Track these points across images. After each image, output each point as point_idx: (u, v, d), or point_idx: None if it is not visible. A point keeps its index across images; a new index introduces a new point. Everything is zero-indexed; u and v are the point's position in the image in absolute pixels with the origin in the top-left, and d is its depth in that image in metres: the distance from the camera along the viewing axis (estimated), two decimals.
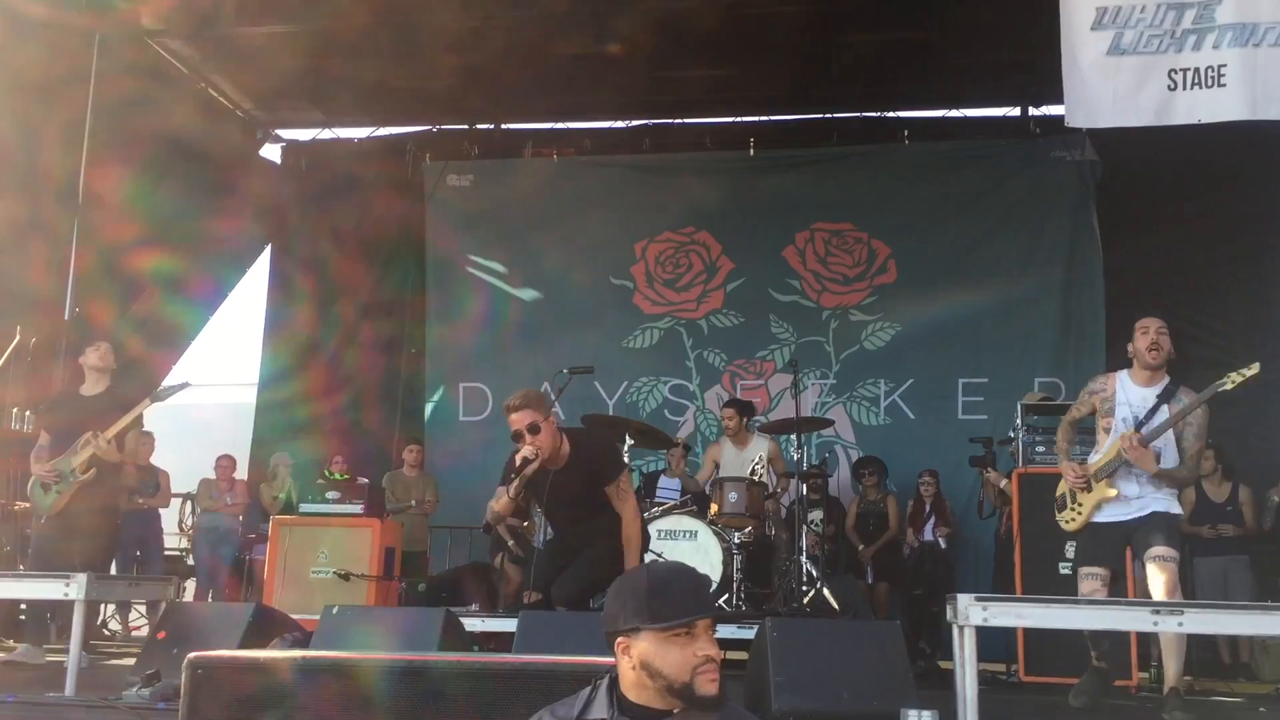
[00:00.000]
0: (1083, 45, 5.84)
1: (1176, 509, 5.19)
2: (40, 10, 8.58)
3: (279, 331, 11.72)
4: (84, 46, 8.78)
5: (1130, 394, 5.21)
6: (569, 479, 4.90)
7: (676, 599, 2.34)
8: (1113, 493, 5.11)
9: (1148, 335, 5.20)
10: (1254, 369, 4.95)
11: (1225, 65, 5.65)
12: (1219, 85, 5.70)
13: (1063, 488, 5.33)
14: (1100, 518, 5.15)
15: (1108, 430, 5.22)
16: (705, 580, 2.41)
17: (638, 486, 8.00)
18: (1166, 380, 5.21)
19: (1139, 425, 5.07)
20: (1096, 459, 5.24)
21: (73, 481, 6.39)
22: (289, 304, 11.71)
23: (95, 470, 6.42)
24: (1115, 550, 5.23)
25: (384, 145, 11.76)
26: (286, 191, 11.83)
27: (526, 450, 4.78)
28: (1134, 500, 5.11)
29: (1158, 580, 4.84)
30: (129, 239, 9.57)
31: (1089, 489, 5.16)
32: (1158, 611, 3.97)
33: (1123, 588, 5.36)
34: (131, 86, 9.29)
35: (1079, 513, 5.17)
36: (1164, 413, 5.09)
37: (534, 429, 4.77)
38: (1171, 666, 5.01)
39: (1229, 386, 4.96)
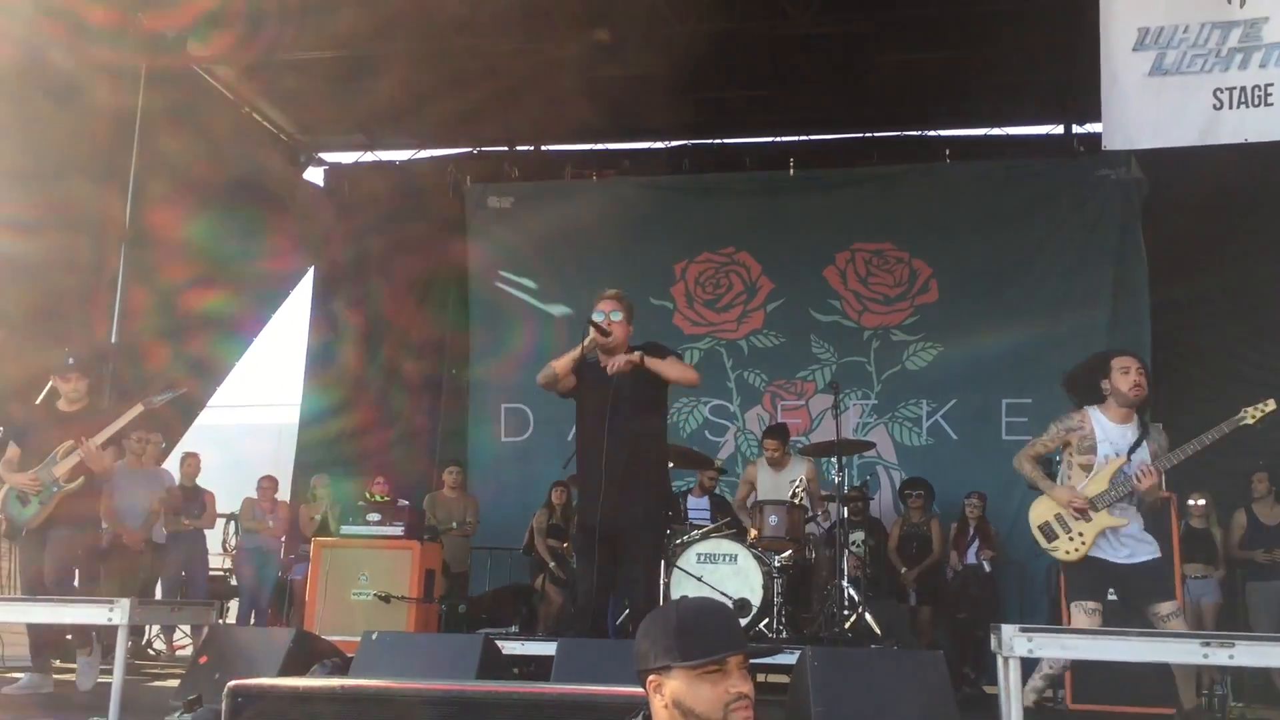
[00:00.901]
0: (1124, 66, 5.78)
1: (1158, 550, 5.14)
2: (93, 51, 8.73)
3: (321, 364, 11.83)
4: (132, 80, 8.91)
5: (1109, 432, 5.15)
6: (624, 383, 5.05)
7: (707, 635, 2.32)
8: (1121, 521, 5.02)
9: (1129, 375, 5.12)
10: (1271, 405, 4.98)
11: (1272, 84, 5.57)
12: (1266, 104, 5.62)
13: (1044, 516, 5.16)
14: (1099, 553, 5.04)
15: (1085, 468, 5.13)
16: (735, 615, 2.39)
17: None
18: (1136, 417, 5.20)
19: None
20: (1082, 487, 5.10)
21: (56, 492, 6.12)
22: (332, 328, 11.83)
23: (83, 479, 6.17)
24: (1106, 584, 5.14)
25: (425, 167, 11.88)
26: (329, 214, 11.96)
27: (602, 321, 5.14)
28: (1125, 538, 5.05)
29: None
30: (176, 271, 9.70)
31: (1087, 518, 5.03)
32: (1208, 644, 3.89)
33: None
34: (178, 116, 9.44)
35: (1082, 543, 5.02)
36: (1143, 448, 5.08)
37: (616, 314, 5.20)
38: (1186, 691, 5.13)
39: (1249, 421, 4.98)
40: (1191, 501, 8.37)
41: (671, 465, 7.53)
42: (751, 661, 2.38)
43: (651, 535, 5.25)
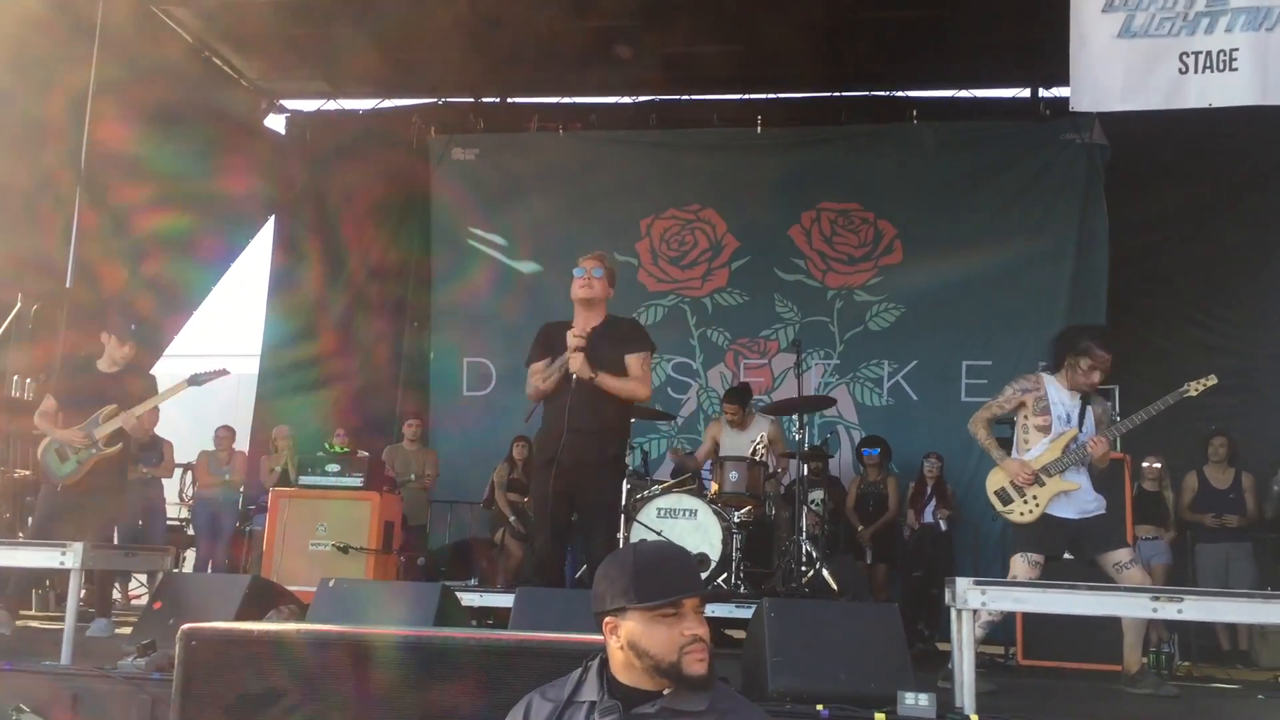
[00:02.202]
0: (1092, 28, 5.77)
1: (1104, 506, 5.37)
2: None
3: (282, 300, 11.72)
4: (89, 13, 8.70)
5: (1061, 396, 5.41)
6: (601, 340, 5.12)
7: (663, 578, 2.33)
8: (1074, 485, 5.26)
9: (1094, 375, 5.36)
10: (1212, 380, 5.29)
11: (1237, 49, 5.59)
12: (1230, 69, 5.64)
13: (999, 482, 5.39)
14: (1053, 510, 5.26)
15: (1042, 429, 5.37)
16: (693, 559, 2.40)
17: (636, 465, 7.99)
18: None
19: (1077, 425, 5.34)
20: (1036, 455, 5.33)
21: (94, 454, 6.23)
22: (292, 274, 11.70)
23: (121, 445, 6.32)
24: (1059, 544, 5.37)
25: (389, 118, 11.72)
26: (290, 162, 11.79)
27: (582, 291, 5.19)
28: (1078, 497, 5.28)
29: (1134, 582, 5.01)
30: (134, 202, 9.53)
31: (1040, 484, 5.26)
32: (1157, 598, 3.95)
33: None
34: (135, 53, 9.22)
35: (1036, 505, 5.25)
36: (1089, 414, 5.37)
37: (598, 272, 5.21)
38: (1132, 654, 5.28)
39: (1191, 394, 5.27)
40: (1146, 464, 8.49)
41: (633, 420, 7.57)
42: (708, 613, 2.40)
43: (611, 481, 5.34)
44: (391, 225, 11.62)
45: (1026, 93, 10.79)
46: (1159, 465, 8.58)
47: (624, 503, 6.49)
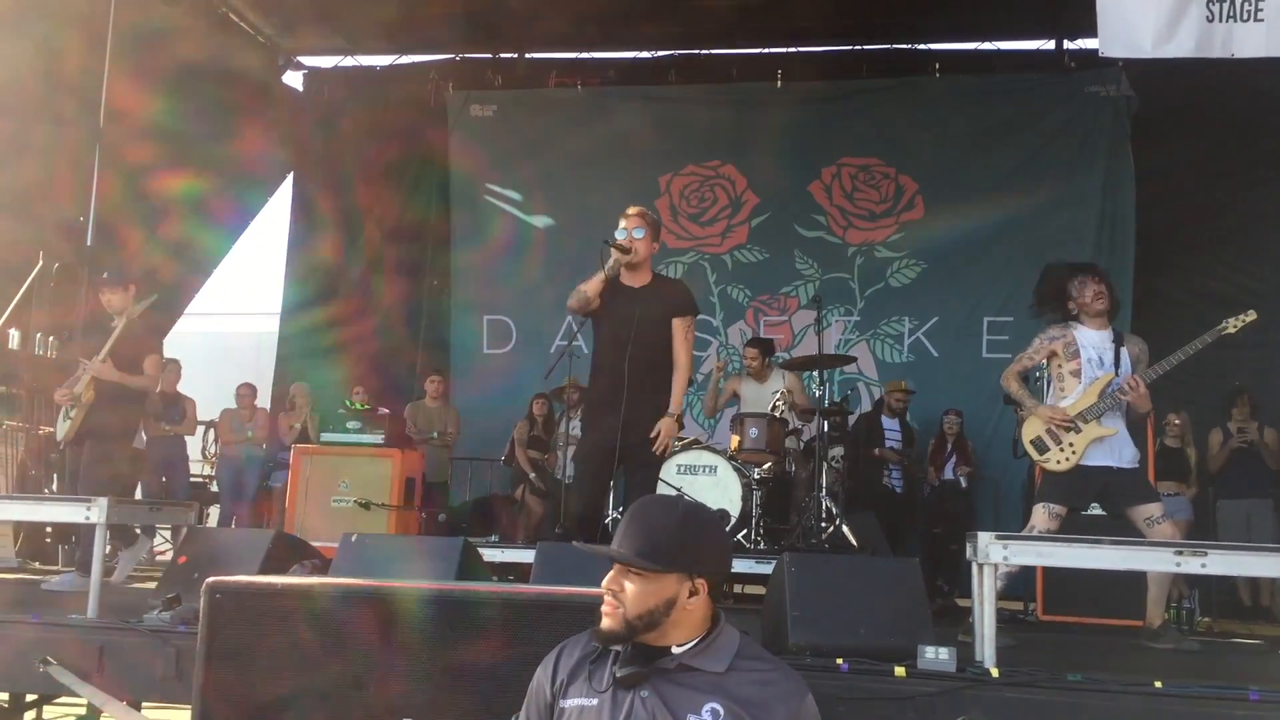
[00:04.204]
0: None
1: (1139, 459, 5.30)
2: None
3: (301, 259, 11.75)
4: None
5: (1090, 338, 5.29)
6: (648, 302, 5.15)
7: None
8: (1111, 430, 5.14)
9: (1088, 286, 5.27)
10: (1252, 315, 5.18)
11: (1264, 0, 5.47)
12: (1256, 19, 5.53)
13: (1035, 431, 5.26)
14: (1089, 460, 5.15)
15: (1075, 374, 5.24)
16: (640, 518, 2.39)
17: None
18: (1111, 326, 5.36)
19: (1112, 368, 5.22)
20: (1071, 401, 5.21)
21: (76, 409, 6.25)
22: (311, 232, 11.71)
23: (94, 393, 6.24)
24: (1087, 495, 5.29)
25: (407, 74, 11.67)
26: (308, 119, 11.78)
27: (622, 239, 5.15)
28: (1115, 444, 5.17)
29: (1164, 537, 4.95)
30: (152, 162, 9.53)
31: (1076, 430, 5.14)
32: (1180, 552, 3.93)
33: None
34: (152, 9, 9.19)
35: (1073, 452, 5.13)
36: (1124, 355, 5.24)
37: (639, 232, 5.17)
38: (1155, 609, 5.24)
39: (1230, 330, 5.17)
40: (1168, 419, 8.44)
41: None
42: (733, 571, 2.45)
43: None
44: (409, 183, 11.60)
45: (1051, 45, 10.64)
46: (1179, 421, 8.52)
47: None
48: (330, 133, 11.68)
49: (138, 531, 6.70)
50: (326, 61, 11.96)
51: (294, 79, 12.00)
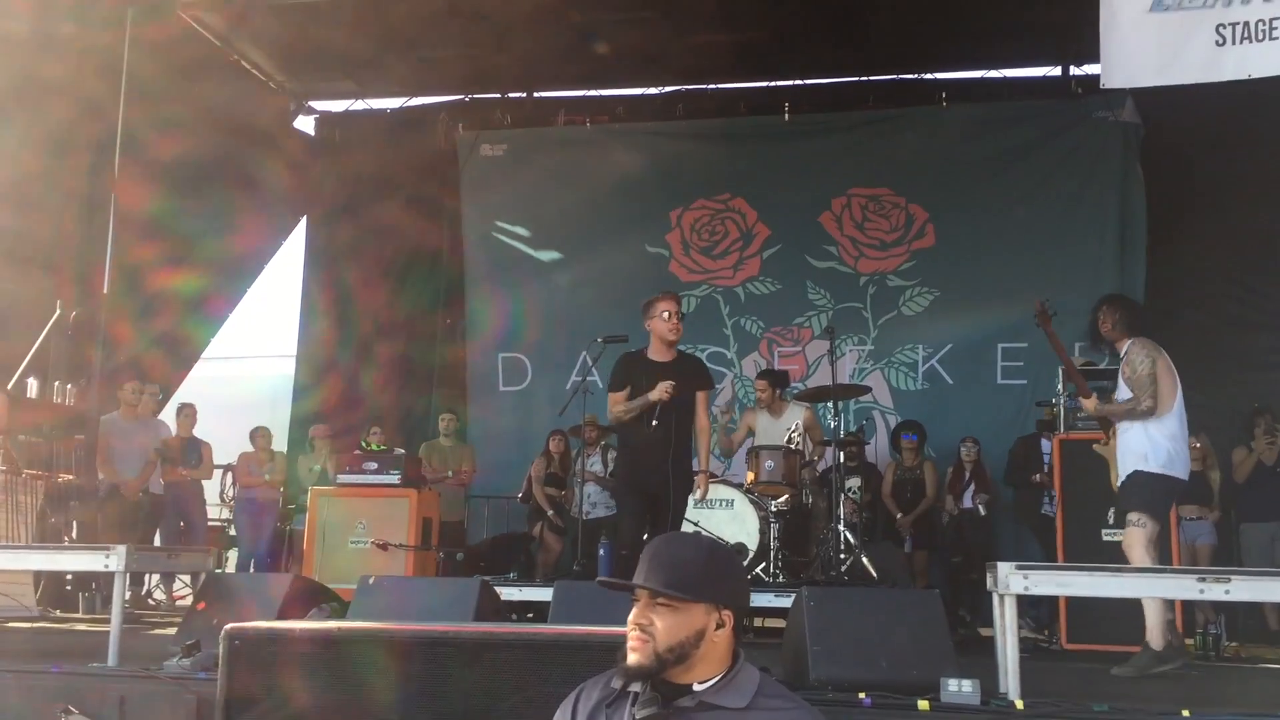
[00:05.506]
0: (1124, 2, 5.69)
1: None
2: None
3: (316, 304, 11.79)
4: (118, 21, 8.78)
5: None
6: (674, 376, 5.89)
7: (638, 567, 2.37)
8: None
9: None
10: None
11: (1277, 18, 5.48)
12: (1270, 39, 5.53)
13: None
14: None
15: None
16: (665, 552, 2.38)
17: None
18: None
19: None
20: None
21: None
22: (325, 277, 11.77)
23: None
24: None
25: (417, 115, 11.75)
26: (321, 162, 11.87)
27: (671, 334, 5.96)
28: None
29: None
30: (166, 212, 9.62)
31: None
32: (1204, 579, 3.90)
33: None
34: (165, 58, 9.30)
35: None
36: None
37: (681, 315, 6.02)
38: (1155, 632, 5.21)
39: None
40: (1189, 442, 8.35)
41: None
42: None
43: (688, 494, 6.11)
44: (422, 223, 11.65)
45: (1057, 71, 10.66)
46: (1199, 445, 8.45)
47: None
48: (343, 175, 11.77)
49: None
50: (337, 106, 12.08)
51: (305, 123, 12.13)
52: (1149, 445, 5.30)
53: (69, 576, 8.19)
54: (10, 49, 8.31)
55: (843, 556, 7.22)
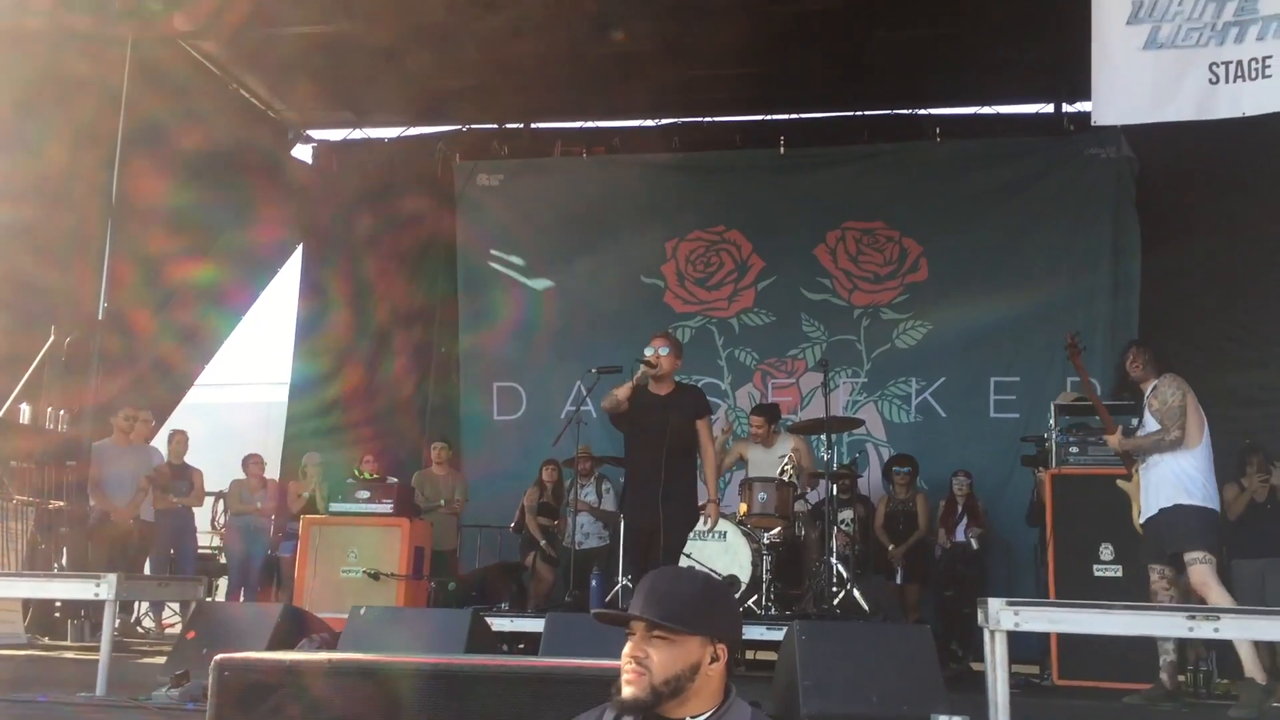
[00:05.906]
0: (1116, 40, 5.74)
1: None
2: (76, 20, 8.66)
3: (311, 335, 11.77)
4: (118, 51, 8.83)
5: None
6: (672, 408, 5.99)
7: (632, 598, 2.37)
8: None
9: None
10: None
11: (1270, 56, 5.53)
12: (1264, 77, 5.59)
13: None
14: None
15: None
16: (661, 584, 2.38)
17: None
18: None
19: None
20: None
21: None
22: (320, 306, 11.77)
23: None
24: None
25: (414, 145, 11.80)
26: (318, 192, 11.90)
27: (650, 356, 5.96)
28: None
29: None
30: (163, 242, 9.65)
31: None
32: (1193, 616, 3.90)
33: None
34: (164, 89, 9.36)
35: None
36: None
37: (664, 349, 6.01)
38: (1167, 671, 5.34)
39: None
40: None
41: None
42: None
43: (687, 529, 6.14)
44: (417, 253, 11.67)
45: (1050, 108, 10.74)
46: None
47: None
48: (339, 204, 11.79)
49: None
50: (335, 135, 12.12)
51: (303, 152, 12.17)
52: (1185, 479, 5.34)
53: (58, 603, 8.15)
54: (7, 84, 8.34)
55: (835, 590, 7.21)
